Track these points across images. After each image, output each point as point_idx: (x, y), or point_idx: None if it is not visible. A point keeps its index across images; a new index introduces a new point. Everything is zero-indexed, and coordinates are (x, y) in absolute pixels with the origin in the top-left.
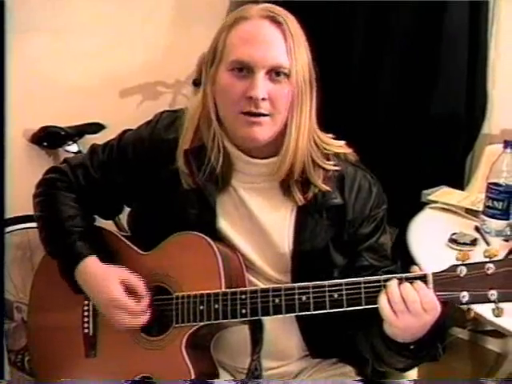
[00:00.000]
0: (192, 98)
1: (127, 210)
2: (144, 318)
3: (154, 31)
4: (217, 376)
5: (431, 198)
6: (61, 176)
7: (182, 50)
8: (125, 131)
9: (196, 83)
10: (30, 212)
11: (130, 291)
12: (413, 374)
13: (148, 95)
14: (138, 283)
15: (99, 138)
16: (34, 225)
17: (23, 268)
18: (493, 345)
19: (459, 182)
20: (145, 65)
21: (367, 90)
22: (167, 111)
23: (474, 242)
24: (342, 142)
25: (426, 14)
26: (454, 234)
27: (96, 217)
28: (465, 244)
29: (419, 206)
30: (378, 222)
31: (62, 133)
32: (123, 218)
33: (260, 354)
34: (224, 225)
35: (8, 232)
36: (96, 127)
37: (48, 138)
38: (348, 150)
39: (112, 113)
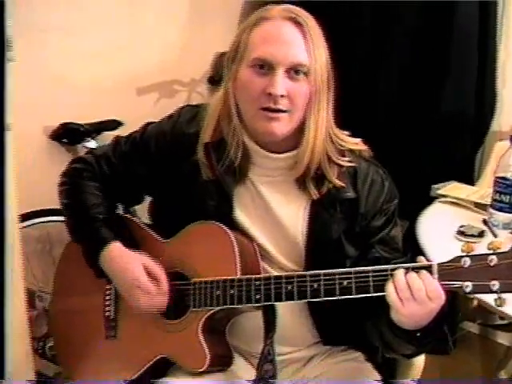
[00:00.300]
0: (211, 95)
1: (147, 199)
2: (163, 302)
3: (169, 31)
4: (231, 359)
5: (441, 192)
6: (85, 166)
7: (197, 49)
8: (147, 124)
9: (211, 81)
10: (50, 206)
11: (151, 276)
12: (420, 360)
13: (164, 93)
14: (158, 269)
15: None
16: (53, 218)
17: (43, 260)
18: (502, 338)
19: (469, 177)
20: (161, 63)
21: (378, 86)
22: (188, 106)
23: (481, 234)
24: (358, 140)
25: (436, 13)
26: (461, 226)
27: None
28: (472, 236)
29: (429, 200)
30: (390, 216)
31: (81, 129)
32: (138, 208)
33: (273, 340)
34: (241, 215)
35: (28, 226)
36: (114, 124)
37: (68, 135)
38: (363, 147)
39: (129, 110)
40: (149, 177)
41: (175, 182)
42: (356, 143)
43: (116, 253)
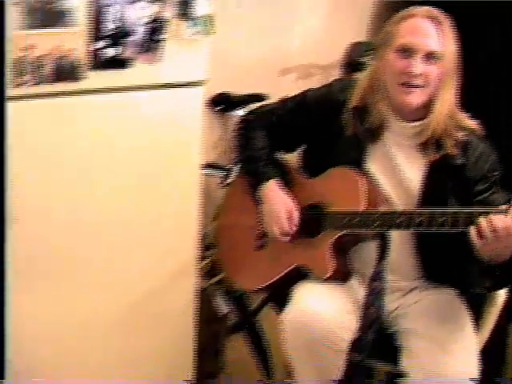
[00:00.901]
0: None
1: None
2: (288, 238)
3: (312, 21)
4: (349, 276)
5: None
6: (256, 117)
7: (333, 37)
8: (307, 90)
9: (345, 66)
10: None
11: (289, 218)
12: (500, 299)
13: (302, 75)
14: (296, 213)
15: None
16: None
17: None
18: None
19: None
20: (302, 49)
21: (496, 72)
22: (340, 79)
23: None
24: (475, 121)
25: None
26: None
27: None
28: None
29: None
30: (492, 183)
31: (235, 99)
32: None
33: (383, 265)
34: (371, 166)
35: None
36: (260, 97)
37: (224, 103)
38: (477, 127)
39: (273, 86)
40: (306, 129)
41: (325, 135)
42: (472, 123)
43: (271, 189)
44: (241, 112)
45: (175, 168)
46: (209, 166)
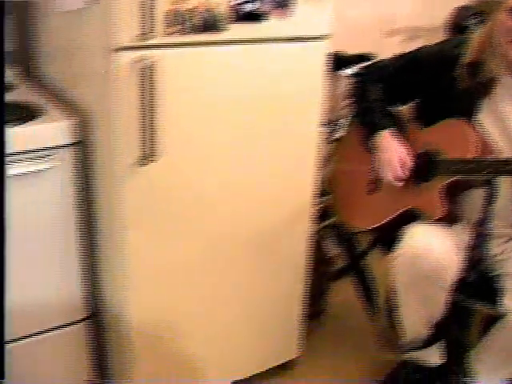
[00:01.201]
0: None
1: None
2: (402, 183)
3: None
4: (456, 220)
5: None
6: (371, 72)
7: (440, 1)
8: (421, 47)
9: (450, 29)
10: None
11: (402, 165)
12: None
13: (408, 37)
14: (408, 163)
15: None
16: None
17: None
18: None
19: None
20: (409, 11)
21: None
22: (453, 37)
23: None
24: None
25: None
26: None
27: None
28: None
29: None
30: None
31: (344, 59)
32: None
33: (489, 212)
34: (482, 118)
35: None
36: (367, 58)
37: (334, 61)
38: None
39: (379, 47)
40: (420, 84)
41: (438, 89)
42: None
43: (385, 138)
44: (348, 71)
45: (297, 118)
46: None
